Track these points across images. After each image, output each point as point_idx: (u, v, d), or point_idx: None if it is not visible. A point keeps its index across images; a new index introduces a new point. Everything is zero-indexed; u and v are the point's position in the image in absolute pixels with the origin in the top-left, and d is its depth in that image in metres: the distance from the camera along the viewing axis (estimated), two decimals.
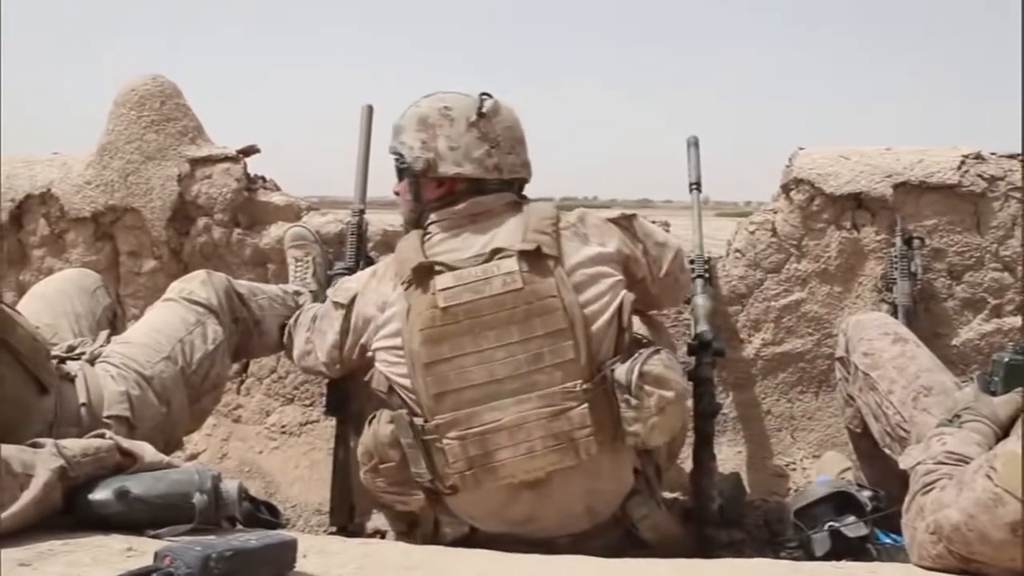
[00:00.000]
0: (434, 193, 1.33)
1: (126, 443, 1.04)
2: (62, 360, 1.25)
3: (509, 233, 1.27)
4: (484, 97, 1.32)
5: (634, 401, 1.20)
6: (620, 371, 1.22)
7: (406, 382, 1.24)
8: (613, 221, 1.34)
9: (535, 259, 1.22)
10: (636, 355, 1.23)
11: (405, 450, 1.22)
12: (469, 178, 1.31)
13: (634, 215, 1.38)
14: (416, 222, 1.37)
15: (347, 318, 1.35)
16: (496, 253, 1.23)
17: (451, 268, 1.23)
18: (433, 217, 1.33)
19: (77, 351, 1.31)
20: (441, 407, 1.20)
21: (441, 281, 1.21)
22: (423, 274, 1.23)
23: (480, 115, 1.30)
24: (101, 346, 1.33)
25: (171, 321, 1.40)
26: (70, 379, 1.21)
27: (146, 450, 1.05)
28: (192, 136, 1.95)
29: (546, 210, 1.31)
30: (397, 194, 1.42)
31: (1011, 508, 0.88)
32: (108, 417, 1.21)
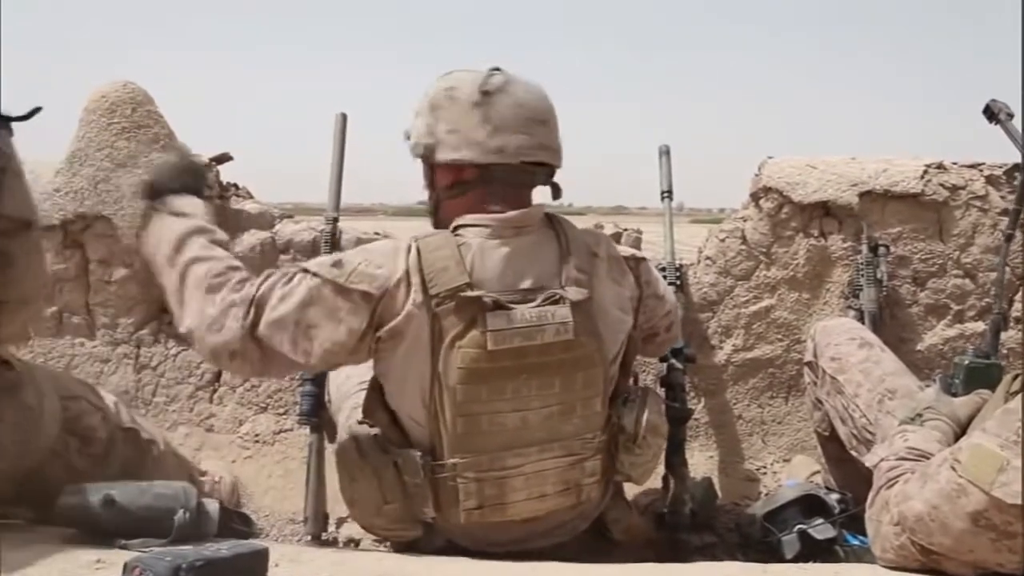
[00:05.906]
0: (445, 180, 1.22)
1: None
2: None
3: (550, 263, 1.18)
4: (492, 72, 1.19)
5: (638, 451, 1.23)
6: (626, 420, 1.23)
7: (420, 413, 1.14)
8: (625, 260, 1.29)
9: (581, 306, 1.16)
10: (634, 400, 1.24)
11: (410, 489, 1.16)
12: (476, 165, 1.18)
13: (644, 259, 1.34)
14: (434, 210, 1.26)
15: (375, 313, 1.12)
16: (546, 296, 1.14)
17: (502, 306, 1.11)
18: (468, 220, 1.18)
19: None
20: (465, 448, 1.13)
21: (493, 322, 1.10)
22: (470, 305, 1.10)
23: (484, 94, 1.17)
24: None
25: None
26: None
27: None
28: (164, 143, 1.93)
29: (581, 241, 1.22)
30: None
31: (974, 498, 0.91)
32: None
